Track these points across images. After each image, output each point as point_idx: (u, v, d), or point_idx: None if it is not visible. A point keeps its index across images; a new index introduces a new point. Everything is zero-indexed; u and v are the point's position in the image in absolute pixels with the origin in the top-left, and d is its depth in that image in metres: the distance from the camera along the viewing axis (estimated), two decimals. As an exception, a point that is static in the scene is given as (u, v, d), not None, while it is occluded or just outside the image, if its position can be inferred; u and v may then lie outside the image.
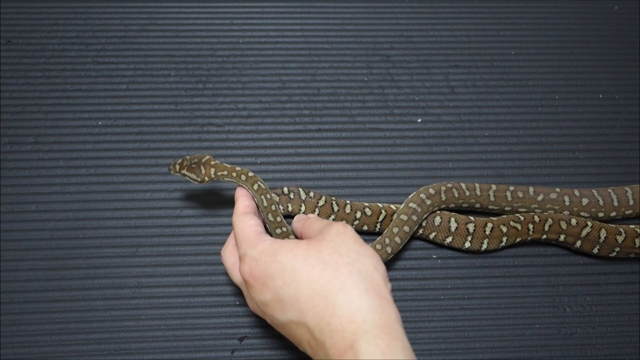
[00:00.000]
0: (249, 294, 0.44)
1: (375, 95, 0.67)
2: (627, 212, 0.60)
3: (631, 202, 0.59)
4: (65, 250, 0.56)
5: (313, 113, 0.66)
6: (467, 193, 0.57)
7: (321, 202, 0.57)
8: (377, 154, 0.63)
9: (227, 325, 0.53)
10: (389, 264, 0.56)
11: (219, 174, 0.52)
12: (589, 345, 0.54)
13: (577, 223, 0.56)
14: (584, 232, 0.56)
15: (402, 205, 0.56)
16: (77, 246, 0.56)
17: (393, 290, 0.42)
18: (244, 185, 0.52)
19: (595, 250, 0.56)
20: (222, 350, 0.52)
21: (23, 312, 0.53)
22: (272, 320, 0.43)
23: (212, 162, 0.53)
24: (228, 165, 0.53)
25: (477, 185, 0.58)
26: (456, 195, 0.57)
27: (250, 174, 0.52)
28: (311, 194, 0.57)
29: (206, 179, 0.53)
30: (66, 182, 0.59)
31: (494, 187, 0.58)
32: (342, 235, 0.42)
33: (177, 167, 0.54)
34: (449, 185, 0.57)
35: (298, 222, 0.51)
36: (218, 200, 0.59)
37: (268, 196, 0.51)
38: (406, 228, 0.54)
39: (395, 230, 0.53)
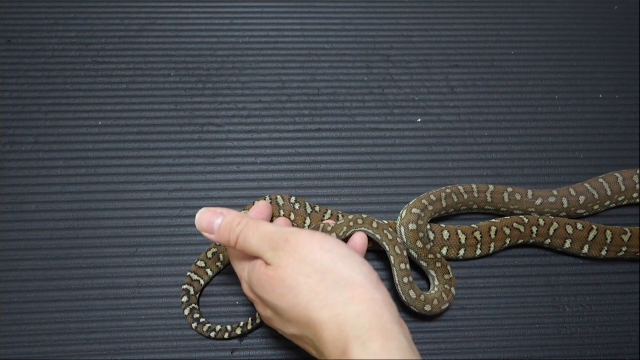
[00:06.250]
0: (258, 310, 0.47)
1: (375, 95, 0.67)
2: (620, 199, 0.60)
3: (623, 188, 0.59)
4: (65, 250, 0.56)
5: (313, 113, 0.65)
6: (466, 196, 0.57)
7: (327, 216, 0.56)
8: (377, 154, 0.63)
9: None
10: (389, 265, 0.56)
11: (340, 234, 0.51)
12: (589, 345, 0.54)
13: (583, 227, 0.56)
14: (591, 235, 0.56)
15: (405, 212, 0.55)
16: (77, 246, 0.56)
17: (390, 289, 0.41)
18: (369, 230, 0.52)
19: (604, 253, 0.56)
20: (222, 350, 0.52)
21: (23, 312, 0.53)
22: (282, 333, 0.45)
23: (328, 228, 0.51)
24: (341, 222, 0.52)
25: (474, 186, 0.58)
26: (455, 200, 0.57)
27: (364, 215, 0.53)
28: (317, 208, 0.56)
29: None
30: (66, 182, 0.59)
31: (491, 187, 0.58)
32: (295, 255, 0.40)
33: None
34: (448, 190, 0.57)
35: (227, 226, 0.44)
36: (218, 201, 0.59)
37: (389, 236, 0.53)
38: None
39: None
